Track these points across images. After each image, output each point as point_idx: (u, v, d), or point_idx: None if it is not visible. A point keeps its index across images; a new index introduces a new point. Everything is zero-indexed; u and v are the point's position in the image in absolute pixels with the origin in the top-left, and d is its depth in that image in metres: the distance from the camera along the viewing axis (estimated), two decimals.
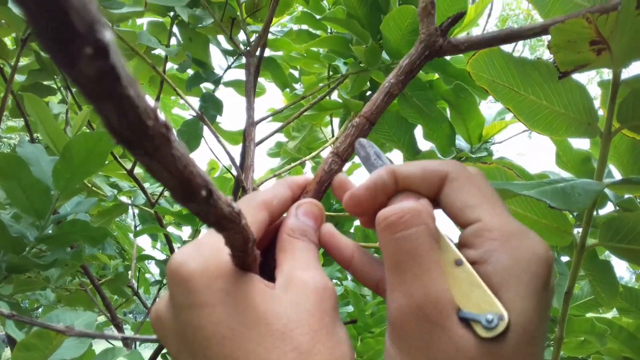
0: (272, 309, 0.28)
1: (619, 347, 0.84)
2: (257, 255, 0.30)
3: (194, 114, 0.91)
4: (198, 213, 0.22)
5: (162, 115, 0.17)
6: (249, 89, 0.83)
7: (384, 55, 0.86)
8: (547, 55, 0.41)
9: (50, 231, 0.89)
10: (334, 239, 0.35)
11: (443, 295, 0.27)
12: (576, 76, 0.42)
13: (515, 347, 0.26)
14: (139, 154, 0.17)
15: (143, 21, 1.11)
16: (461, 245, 0.29)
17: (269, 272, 0.32)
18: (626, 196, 0.63)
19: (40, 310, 1.45)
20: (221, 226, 0.24)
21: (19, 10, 0.13)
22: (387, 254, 0.29)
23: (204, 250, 0.29)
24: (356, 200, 0.33)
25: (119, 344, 1.02)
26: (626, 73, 0.43)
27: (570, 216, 0.64)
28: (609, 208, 0.69)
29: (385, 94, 0.37)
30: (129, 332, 1.39)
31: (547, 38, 0.38)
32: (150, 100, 0.16)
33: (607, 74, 0.44)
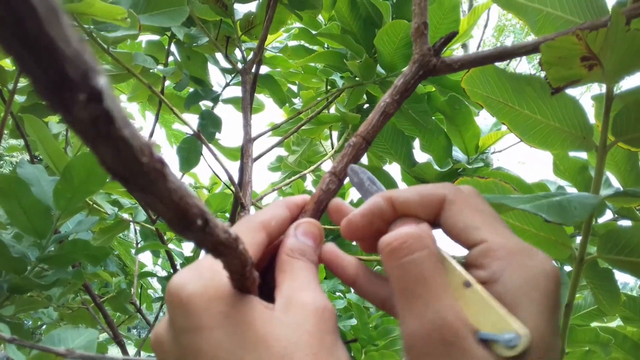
0: (272, 331, 0.28)
1: (624, 356, 0.83)
2: (255, 277, 0.30)
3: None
4: (195, 240, 0.22)
5: (156, 151, 0.17)
6: (246, 106, 0.84)
7: (379, 68, 0.87)
8: None
9: (52, 250, 0.89)
10: (337, 259, 0.35)
11: (457, 317, 0.27)
12: (569, 90, 0.42)
13: None
14: (134, 189, 0.18)
15: (142, 39, 1.12)
16: (469, 266, 0.30)
17: (268, 292, 0.32)
18: None
19: (43, 327, 1.44)
20: (218, 252, 0.25)
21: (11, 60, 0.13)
22: (394, 280, 0.29)
23: (203, 273, 0.29)
24: (353, 226, 0.33)
25: None
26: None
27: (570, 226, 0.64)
28: (608, 215, 0.69)
29: (381, 114, 0.38)
30: (131, 349, 1.38)
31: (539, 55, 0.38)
32: (145, 137, 0.17)
33: (597, 87, 0.44)
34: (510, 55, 0.36)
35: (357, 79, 0.91)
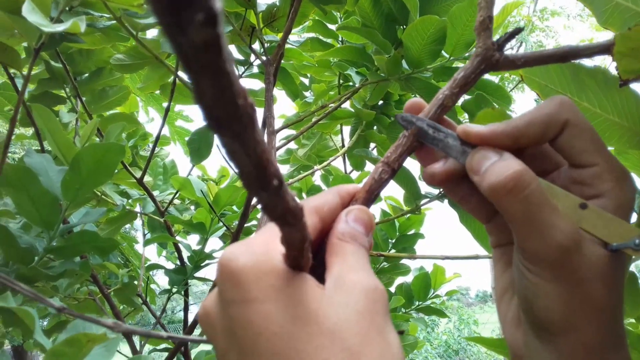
0: (323, 308, 0.28)
1: (638, 357, 0.82)
2: (310, 258, 0.29)
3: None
4: (267, 204, 0.22)
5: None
6: (269, 98, 0.82)
7: (403, 65, 0.85)
8: None
9: (59, 241, 0.88)
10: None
11: (574, 227, 0.33)
12: (632, 86, 0.41)
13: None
14: (227, 134, 0.17)
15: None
16: (580, 183, 0.35)
17: (317, 278, 0.31)
18: None
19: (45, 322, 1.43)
20: (285, 221, 0.24)
21: (33, 19, 0.12)
22: (517, 212, 0.33)
23: (255, 247, 0.29)
24: (515, 134, 0.35)
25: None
26: None
27: None
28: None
29: (439, 106, 0.37)
30: (138, 341, 1.37)
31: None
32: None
33: None
34: (575, 56, 0.35)
35: (381, 74, 0.90)
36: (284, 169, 1.57)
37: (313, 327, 0.27)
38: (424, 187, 0.94)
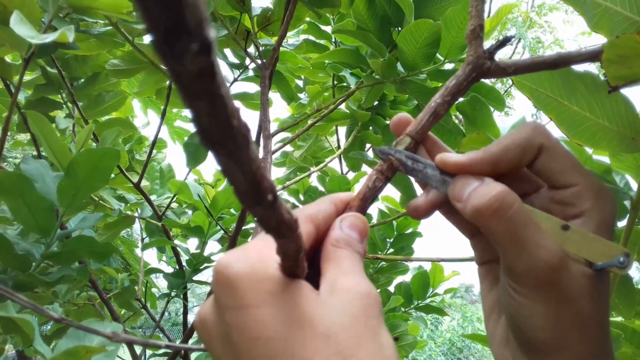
0: (317, 312, 0.28)
1: (634, 351, 0.82)
2: (305, 266, 0.30)
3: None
4: (261, 217, 0.23)
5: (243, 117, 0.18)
6: (265, 101, 0.82)
7: (398, 67, 0.85)
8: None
9: (56, 247, 0.88)
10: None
11: (558, 247, 0.33)
12: (623, 90, 0.41)
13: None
14: (222, 153, 0.18)
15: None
16: (560, 203, 0.35)
17: (313, 285, 0.32)
18: None
19: (49, 326, 1.43)
20: (280, 233, 0.25)
21: (21, 31, 0.12)
22: (503, 233, 0.33)
23: (251, 254, 0.30)
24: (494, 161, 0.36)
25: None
26: None
27: None
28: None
29: (431, 114, 0.37)
30: (137, 347, 1.37)
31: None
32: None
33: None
34: (567, 63, 0.35)
35: (376, 76, 0.90)
36: (280, 172, 1.57)
37: (308, 331, 0.27)
38: (420, 190, 0.94)
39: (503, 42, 0.36)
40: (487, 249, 0.41)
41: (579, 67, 0.40)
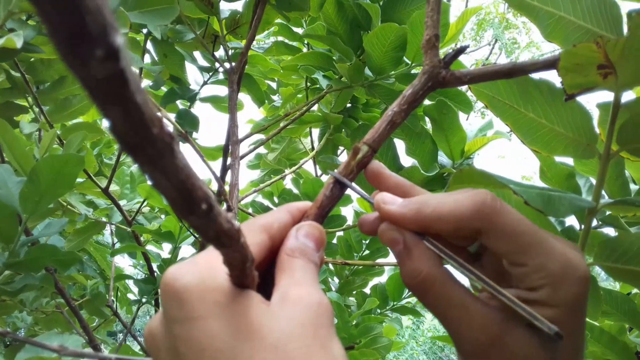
0: (266, 322, 0.28)
1: (602, 350, 0.83)
2: (255, 276, 0.29)
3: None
4: (197, 227, 0.22)
5: (168, 126, 0.17)
6: (233, 106, 0.81)
7: (367, 71, 0.85)
8: (522, 59, 0.41)
9: (22, 255, 0.86)
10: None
11: (492, 320, 0.32)
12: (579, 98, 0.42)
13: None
14: (142, 160, 0.18)
15: None
16: (517, 280, 0.33)
17: (267, 295, 0.31)
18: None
19: (21, 333, 1.40)
20: (220, 242, 0.24)
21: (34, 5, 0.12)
22: (433, 311, 0.34)
23: (200, 266, 0.29)
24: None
25: None
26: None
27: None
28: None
29: (388, 123, 0.37)
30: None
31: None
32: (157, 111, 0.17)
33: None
34: (521, 72, 0.35)
35: (344, 81, 0.90)
36: (255, 174, 1.56)
37: (256, 342, 0.27)
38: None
39: (458, 52, 0.36)
40: None
41: (537, 75, 0.40)
